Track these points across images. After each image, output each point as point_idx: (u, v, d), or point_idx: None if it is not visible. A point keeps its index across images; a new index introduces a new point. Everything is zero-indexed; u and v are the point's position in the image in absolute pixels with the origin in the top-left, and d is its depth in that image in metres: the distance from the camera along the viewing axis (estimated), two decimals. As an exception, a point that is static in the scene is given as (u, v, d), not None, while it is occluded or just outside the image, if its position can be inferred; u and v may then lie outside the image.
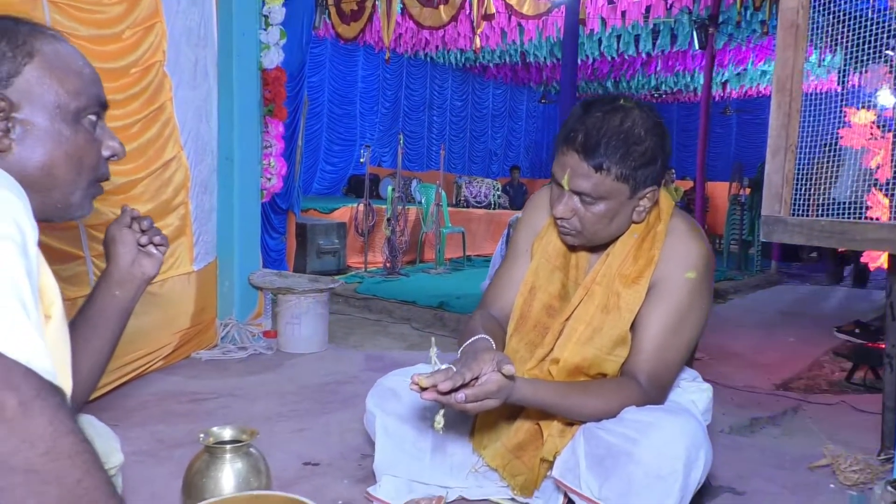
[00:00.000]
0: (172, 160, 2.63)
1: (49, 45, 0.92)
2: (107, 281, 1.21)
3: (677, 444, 1.27)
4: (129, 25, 2.37)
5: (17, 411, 0.58)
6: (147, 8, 2.49)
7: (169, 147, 2.60)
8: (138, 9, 2.43)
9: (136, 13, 2.41)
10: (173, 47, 2.62)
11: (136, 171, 2.43)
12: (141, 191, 2.46)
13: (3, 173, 0.76)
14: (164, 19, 2.56)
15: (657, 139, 1.39)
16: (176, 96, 2.59)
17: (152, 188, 2.51)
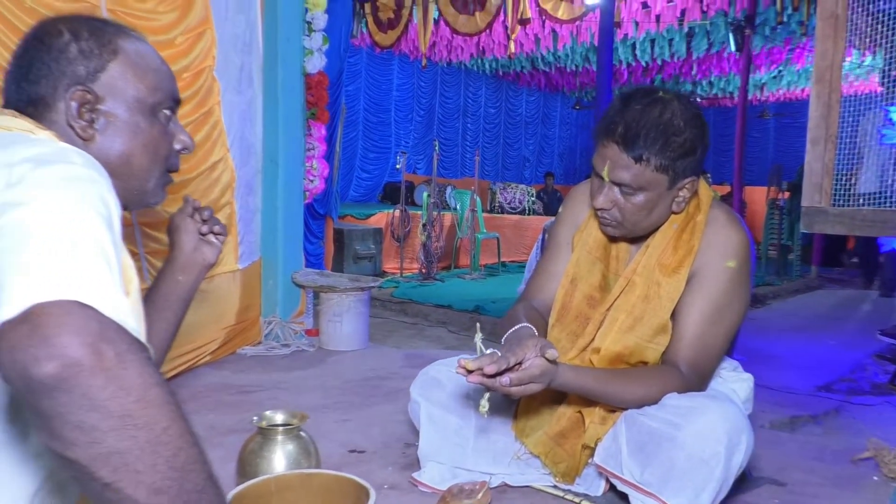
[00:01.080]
0: (219, 161, 2.73)
1: (131, 45, 1.00)
2: (171, 267, 1.29)
3: (719, 428, 1.29)
4: (181, 32, 2.47)
5: (114, 362, 0.63)
6: (198, 15, 2.60)
7: (217, 149, 2.70)
8: (190, 16, 2.54)
9: (188, 20, 2.51)
10: (222, 53, 2.73)
11: (186, 171, 2.52)
12: (190, 191, 2.56)
13: (89, 156, 0.83)
14: (214, 26, 2.67)
15: (696, 130, 1.42)
16: (223, 100, 2.69)
17: (201, 188, 2.60)
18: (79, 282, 0.64)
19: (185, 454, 0.66)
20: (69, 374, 0.60)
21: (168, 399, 0.67)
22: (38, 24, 0.99)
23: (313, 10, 3.02)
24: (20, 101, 0.94)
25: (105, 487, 0.62)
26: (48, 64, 0.94)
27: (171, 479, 0.64)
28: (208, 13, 2.65)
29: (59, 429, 0.61)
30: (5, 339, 0.60)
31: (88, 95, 0.94)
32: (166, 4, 2.44)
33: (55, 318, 0.61)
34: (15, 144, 0.79)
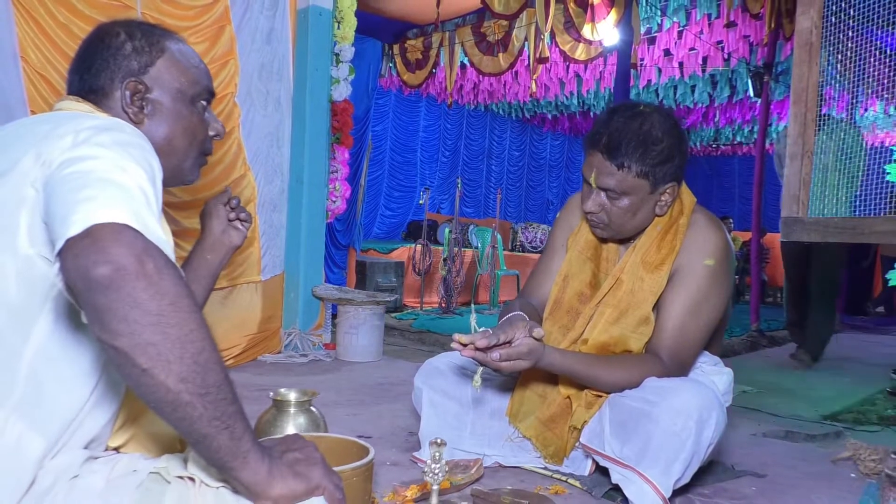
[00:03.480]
0: (241, 178, 2.95)
1: (175, 45, 1.19)
2: (201, 246, 1.46)
3: (691, 405, 1.41)
4: (208, 61, 2.75)
5: (154, 271, 0.78)
6: (223, 46, 2.89)
7: (237, 166, 2.94)
8: (217, 47, 2.83)
9: (215, 50, 2.79)
10: (245, 81, 2.99)
11: (209, 185, 2.74)
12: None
13: (140, 132, 1.00)
14: (238, 56, 2.95)
15: (674, 140, 1.57)
16: (243, 124, 2.95)
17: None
18: (128, 212, 0.80)
19: (208, 354, 0.81)
20: (119, 276, 0.75)
21: (196, 309, 0.82)
22: (99, 25, 1.18)
23: (341, 42, 3.27)
24: (82, 89, 1.13)
25: (142, 373, 0.77)
26: (107, 59, 1.12)
27: (195, 372, 0.79)
28: (233, 45, 2.94)
29: (109, 321, 0.76)
30: (71, 250, 0.77)
31: (140, 86, 1.12)
32: (197, 36, 2.70)
33: (110, 234, 0.77)
34: (80, 118, 0.97)
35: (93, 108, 1.09)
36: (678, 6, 5.77)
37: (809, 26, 1.71)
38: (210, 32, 2.85)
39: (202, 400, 0.79)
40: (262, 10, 3.09)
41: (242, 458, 0.82)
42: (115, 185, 0.83)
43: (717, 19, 6.00)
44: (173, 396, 0.77)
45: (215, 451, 0.81)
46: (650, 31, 6.52)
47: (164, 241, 0.84)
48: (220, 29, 2.91)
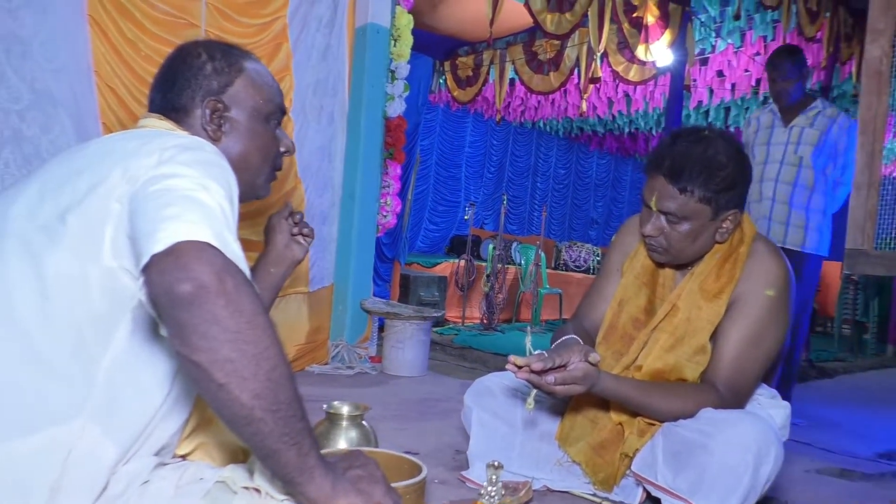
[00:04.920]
0: (292, 190, 3.01)
1: (252, 65, 1.22)
2: (265, 260, 1.50)
3: (749, 439, 1.38)
4: None
5: (233, 289, 0.81)
6: (280, 63, 2.96)
7: (289, 179, 3.00)
8: (273, 63, 2.91)
9: (272, 67, 2.86)
10: (299, 96, 3.06)
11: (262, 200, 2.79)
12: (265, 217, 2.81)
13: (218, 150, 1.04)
14: (293, 73, 3.03)
15: (738, 166, 1.55)
16: (297, 138, 3.02)
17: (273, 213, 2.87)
18: (209, 230, 0.83)
19: (281, 371, 0.83)
20: (200, 293, 0.78)
21: (270, 326, 0.85)
22: (181, 46, 1.23)
23: (397, 60, 3.32)
24: (164, 107, 1.17)
25: (219, 388, 0.79)
26: (189, 79, 1.16)
27: (268, 388, 0.81)
28: (289, 62, 3.02)
29: (189, 336, 0.78)
30: (156, 266, 0.80)
31: (219, 105, 1.16)
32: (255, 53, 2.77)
33: (193, 252, 0.80)
34: (164, 136, 1.01)
35: (174, 125, 1.13)
36: (733, 28, 5.70)
37: (879, 55, 1.67)
38: (268, 49, 2.92)
39: (273, 416, 0.81)
40: (319, 28, 3.16)
41: (309, 473, 0.84)
42: (198, 203, 0.87)
43: (772, 41, 5.90)
44: (247, 412, 0.80)
45: (283, 466, 0.83)
46: (703, 52, 6.45)
47: (241, 258, 0.86)
48: (277, 46, 2.99)
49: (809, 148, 3.22)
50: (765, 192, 3.34)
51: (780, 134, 3.31)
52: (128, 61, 2.48)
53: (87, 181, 0.93)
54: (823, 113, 3.27)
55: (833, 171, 3.28)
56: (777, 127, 3.34)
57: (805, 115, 3.28)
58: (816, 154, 3.22)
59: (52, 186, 0.96)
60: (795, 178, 3.25)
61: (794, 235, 3.30)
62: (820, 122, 3.23)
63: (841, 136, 3.22)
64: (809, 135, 3.23)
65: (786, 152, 3.28)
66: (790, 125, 3.29)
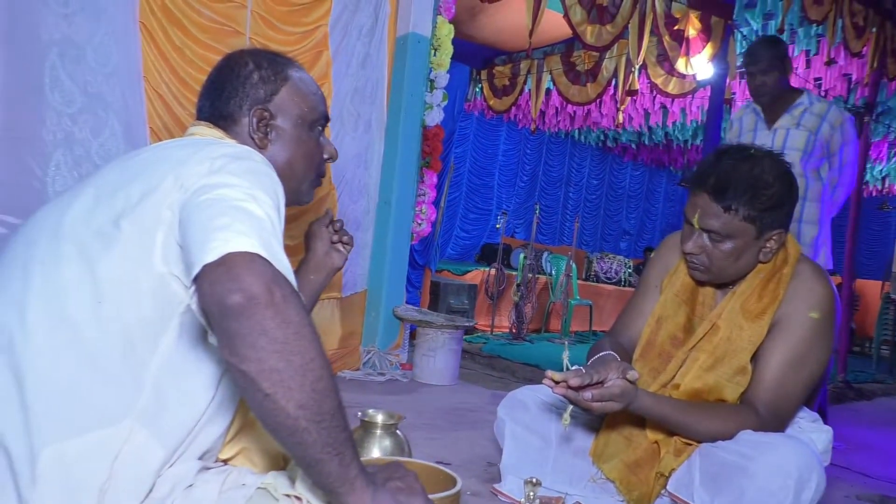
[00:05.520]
0: (325, 196, 3.04)
1: (297, 73, 1.24)
2: (305, 266, 1.52)
3: (790, 463, 1.35)
4: None
5: (281, 300, 0.82)
6: (320, 70, 3.01)
7: (323, 186, 3.02)
8: (313, 70, 2.97)
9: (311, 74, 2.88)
10: (337, 104, 3.09)
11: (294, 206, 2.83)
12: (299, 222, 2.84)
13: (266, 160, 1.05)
14: (332, 80, 3.07)
15: (784, 186, 1.52)
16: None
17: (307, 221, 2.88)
18: (259, 241, 0.84)
19: (325, 382, 0.84)
20: (250, 304, 0.79)
21: (316, 337, 0.86)
22: (229, 55, 1.25)
23: (437, 69, 3.34)
24: (213, 115, 1.19)
25: (265, 398, 0.80)
26: (236, 87, 1.18)
27: (313, 399, 0.82)
28: (329, 70, 3.06)
29: (239, 346, 0.80)
30: (208, 276, 0.81)
31: (265, 113, 1.18)
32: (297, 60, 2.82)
33: (243, 263, 0.82)
34: (214, 145, 1.03)
35: (223, 133, 1.15)
36: (776, 42, 5.60)
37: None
38: (308, 57, 2.96)
39: (317, 426, 0.82)
40: (360, 37, 3.19)
41: (350, 484, 0.85)
42: (247, 213, 0.88)
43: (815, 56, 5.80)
44: (292, 422, 0.81)
45: (325, 476, 0.84)
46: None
47: (289, 269, 0.88)
48: (317, 54, 3.03)
49: (797, 154, 2.85)
50: None
51: (764, 137, 2.93)
52: (174, 67, 2.54)
53: (140, 188, 0.95)
54: (811, 110, 2.88)
55: (829, 172, 2.91)
56: (760, 129, 2.97)
57: (790, 115, 2.90)
58: (806, 159, 2.86)
59: (107, 192, 0.98)
60: None
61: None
62: (808, 120, 2.87)
63: (834, 133, 2.86)
64: (796, 137, 2.87)
65: None
66: (774, 127, 2.92)
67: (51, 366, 0.89)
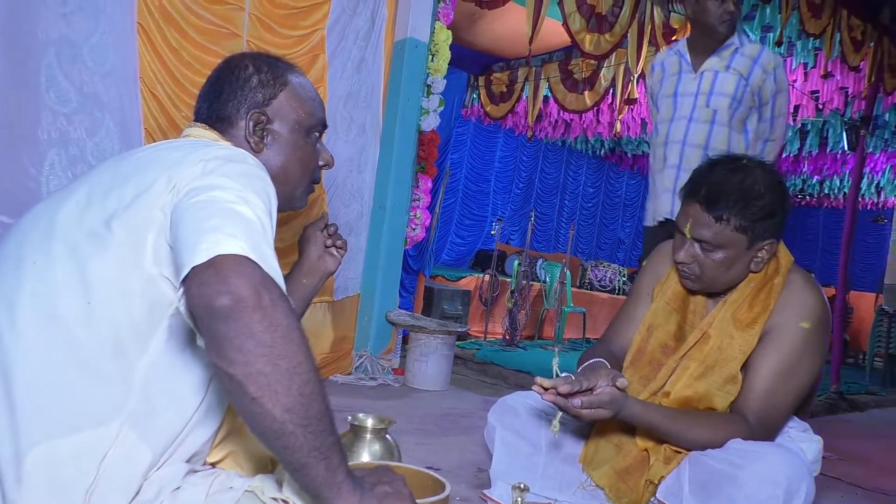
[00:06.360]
0: (315, 200, 3.04)
1: (296, 78, 1.24)
2: (298, 270, 1.52)
3: (779, 472, 1.35)
4: None
5: (269, 303, 0.82)
6: (315, 74, 3.02)
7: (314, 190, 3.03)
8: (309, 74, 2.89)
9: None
10: (331, 107, 3.10)
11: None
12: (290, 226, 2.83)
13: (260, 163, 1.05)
14: (327, 84, 3.07)
15: (776, 196, 1.53)
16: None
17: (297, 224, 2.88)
18: (249, 244, 0.85)
19: (312, 386, 0.84)
20: (238, 307, 0.79)
21: (304, 341, 0.86)
22: (229, 58, 1.25)
23: (434, 74, 3.35)
24: (210, 117, 1.19)
25: (252, 401, 0.80)
26: (235, 90, 1.18)
27: (300, 403, 0.82)
28: (324, 73, 3.07)
29: (226, 349, 0.80)
30: (196, 278, 0.81)
31: (263, 117, 1.18)
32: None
33: (232, 265, 0.82)
34: (207, 147, 1.03)
35: (218, 136, 1.15)
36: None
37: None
38: (305, 60, 2.97)
39: (304, 430, 0.82)
40: (356, 41, 3.20)
41: (337, 488, 0.85)
42: (239, 216, 0.88)
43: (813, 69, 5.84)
44: (278, 426, 0.81)
45: (312, 480, 0.84)
46: (741, 77, 6.39)
47: (278, 272, 0.88)
48: (314, 58, 3.03)
49: (725, 99, 2.54)
50: (669, 157, 2.64)
51: (689, 81, 2.61)
52: (171, 68, 2.54)
53: (133, 189, 0.95)
54: (742, 51, 2.57)
55: (759, 124, 2.62)
56: (685, 73, 2.64)
57: (719, 56, 2.58)
58: (734, 106, 2.55)
59: (100, 192, 0.98)
60: (707, 139, 2.57)
61: None
62: (738, 63, 2.55)
63: (766, 79, 2.55)
64: (725, 81, 2.54)
65: (695, 105, 2.58)
66: (700, 70, 2.60)
67: (40, 366, 0.89)
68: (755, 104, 2.58)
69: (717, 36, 2.57)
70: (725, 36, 2.57)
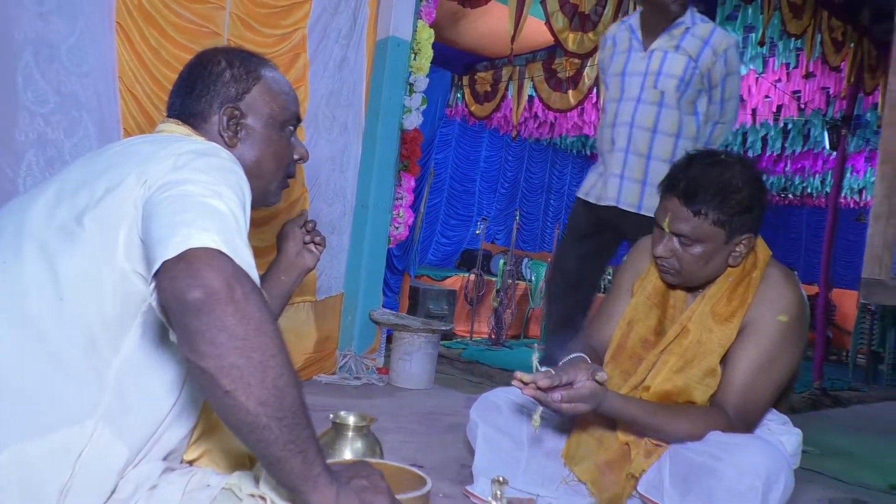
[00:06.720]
0: (298, 200, 3.03)
1: (269, 73, 1.24)
2: (276, 267, 1.51)
3: (758, 464, 1.36)
4: None
5: (241, 296, 0.81)
6: (297, 73, 2.99)
7: (295, 188, 3.01)
8: (290, 73, 2.93)
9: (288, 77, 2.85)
10: (313, 106, 3.07)
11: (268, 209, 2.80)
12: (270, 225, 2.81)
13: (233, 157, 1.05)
14: (309, 83, 3.04)
15: (754, 191, 1.54)
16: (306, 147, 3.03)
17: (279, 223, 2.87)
18: (221, 237, 0.84)
19: (286, 378, 0.84)
20: (210, 300, 0.79)
21: (278, 334, 0.85)
22: (201, 52, 1.24)
23: (417, 73, 3.35)
24: (183, 112, 1.19)
25: (225, 395, 0.80)
26: (208, 85, 1.18)
27: (273, 396, 0.81)
28: (306, 72, 3.04)
29: (198, 343, 0.79)
30: (168, 272, 0.81)
31: (236, 112, 1.17)
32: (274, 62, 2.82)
33: (204, 259, 0.81)
34: (180, 141, 1.03)
35: (191, 131, 1.15)
36: (756, 54, 5.70)
37: (900, 85, 1.67)
38: (286, 59, 2.95)
39: (279, 423, 0.81)
40: (338, 40, 3.19)
41: (313, 481, 0.84)
42: (211, 209, 0.87)
43: (794, 69, 5.90)
44: (252, 419, 0.80)
45: (287, 474, 0.83)
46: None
47: (252, 266, 0.87)
48: (295, 56, 3.02)
49: (672, 80, 2.45)
50: (617, 140, 2.55)
51: (638, 61, 2.53)
52: (150, 68, 2.52)
53: (104, 184, 0.94)
54: (693, 31, 2.48)
55: (709, 106, 2.54)
56: (635, 51, 2.56)
57: (669, 35, 2.49)
58: (682, 88, 2.47)
59: (70, 189, 0.97)
60: (655, 122, 2.48)
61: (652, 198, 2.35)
62: (688, 43, 2.46)
63: (717, 61, 2.47)
64: (673, 62, 2.46)
65: (643, 86, 2.50)
66: (650, 49, 2.51)
67: (12, 365, 0.88)
68: (704, 87, 2.51)
69: (668, 14, 2.49)
70: (677, 14, 2.49)
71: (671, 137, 2.50)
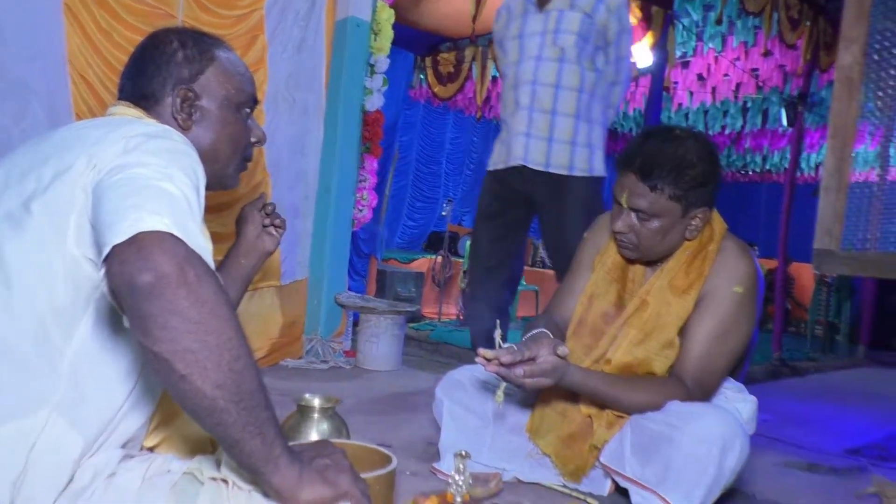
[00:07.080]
0: (259, 184, 3.00)
1: (224, 54, 1.21)
2: (236, 251, 1.49)
3: (714, 431, 1.40)
4: None
5: (194, 279, 0.80)
6: (255, 55, 2.95)
7: (257, 172, 2.99)
8: (248, 55, 2.89)
9: (247, 59, 2.83)
10: (272, 88, 3.03)
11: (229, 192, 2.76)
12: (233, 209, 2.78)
13: (186, 139, 1.03)
14: (268, 65, 3.00)
15: (708, 165, 1.57)
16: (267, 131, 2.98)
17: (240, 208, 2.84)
18: (172, 220, 0.83)
19: (244, 361, 0.83)
20: (161, 284, 0.78)
21: (233, 317, 0.84)
22: (153, 33, 1.21)
23: (377, 54, 3.32)
24: (134, 94, 1.16)
25: (181, 379, 0.79)
26: (160, 66, 1.15)
27: (230, 379, 0.81)
28: (264, 54, 2.99)
29: (150, 327, 0.78)
30: (117, 256, 0.79)
31: (190, 93, 1.15)
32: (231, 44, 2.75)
33: (154, 242, 0.80)
34: (131, 124, 1.00)
35: (143, 113, 1.12)
36: (715, 33, 5.76)
37: (851, 62, 1.71)
38: (243, 41, 2.90)
39: (237, 406, 0.81)
40: (296, 21, 3.14)
41: (274, 463, 0.84)
42: (162, 192, 0.86)
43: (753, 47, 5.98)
44: (209, 402, 0.79)
45: (248, 456, 0.83)
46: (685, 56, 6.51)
47: (205, 249, 0.86)
48: (253, 38, 2.97)
49: (571, 37, 2.52)
50: (521, 99, 2.60)
51: (535, 21, 2.60)
52: (101, 51, 2.45)
53: (52, 169, 0.92)
54: None
55: (605, 66, 2.62)
56: (531, 13, 2.62)
57: None
58: (581, 44, 2.54)
59: (17, 174, 0.95)
60: (557, 77, 2.55)
61: (559, 155, 2.57)
62: (582, 1, 2.55)
63: (610, 18, 2.55)
64: (570, 19, 2.54)
65: (543, 44, 2.56)
66: (546, 9, 2.59)
67: None
68: (601, 43, 2.58)
69: None
70: None
71: (574, 92, 2.55)
